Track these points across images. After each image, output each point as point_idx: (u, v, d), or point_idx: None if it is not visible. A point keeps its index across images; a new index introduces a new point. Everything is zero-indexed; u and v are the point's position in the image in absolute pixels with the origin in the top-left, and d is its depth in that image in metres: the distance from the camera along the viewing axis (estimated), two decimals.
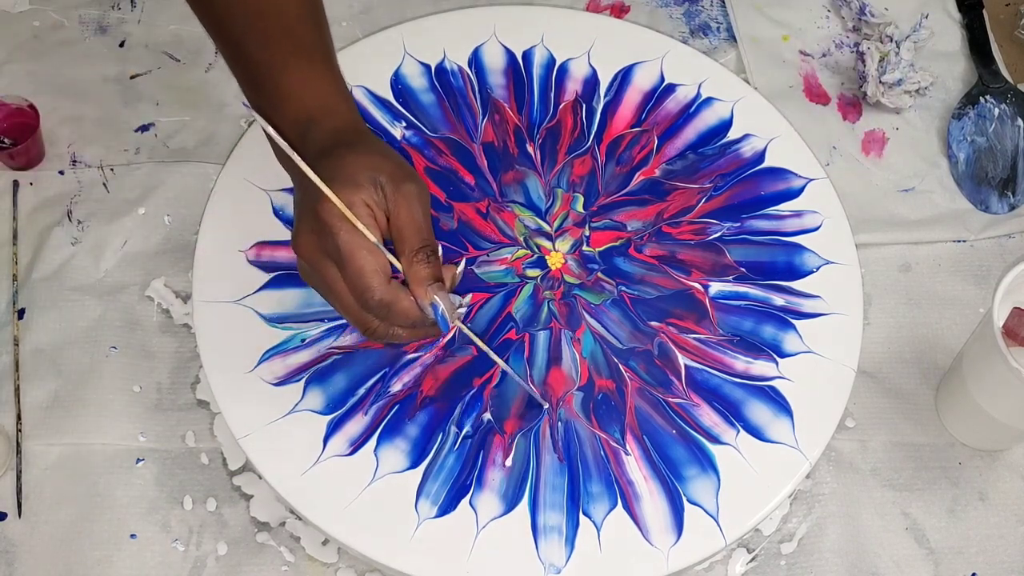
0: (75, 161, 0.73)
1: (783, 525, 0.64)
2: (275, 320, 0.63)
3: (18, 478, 0.63)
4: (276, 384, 0.62)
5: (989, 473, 0.66)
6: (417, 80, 0.72)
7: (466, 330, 0.56)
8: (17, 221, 0.71)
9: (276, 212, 0.67)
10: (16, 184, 0.72)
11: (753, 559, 0.63)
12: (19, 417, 0.64)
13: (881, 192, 0.76)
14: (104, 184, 0.72)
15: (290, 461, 0.60)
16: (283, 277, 0.65)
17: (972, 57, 0.81)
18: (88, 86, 0.76)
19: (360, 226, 0.51)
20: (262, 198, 0.67)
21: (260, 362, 0.62)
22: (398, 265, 0.52)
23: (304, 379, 0.62)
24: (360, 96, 0.71)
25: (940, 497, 0.66)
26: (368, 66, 0.72)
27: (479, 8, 0.75)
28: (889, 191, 0.76)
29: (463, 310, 0.54)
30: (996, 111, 0.78)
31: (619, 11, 0.82)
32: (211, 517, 0.63)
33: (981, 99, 0.78)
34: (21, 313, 0.67)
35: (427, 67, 0.73)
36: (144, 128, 0.75)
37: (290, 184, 0.66)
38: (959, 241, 0.74)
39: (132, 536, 0.62)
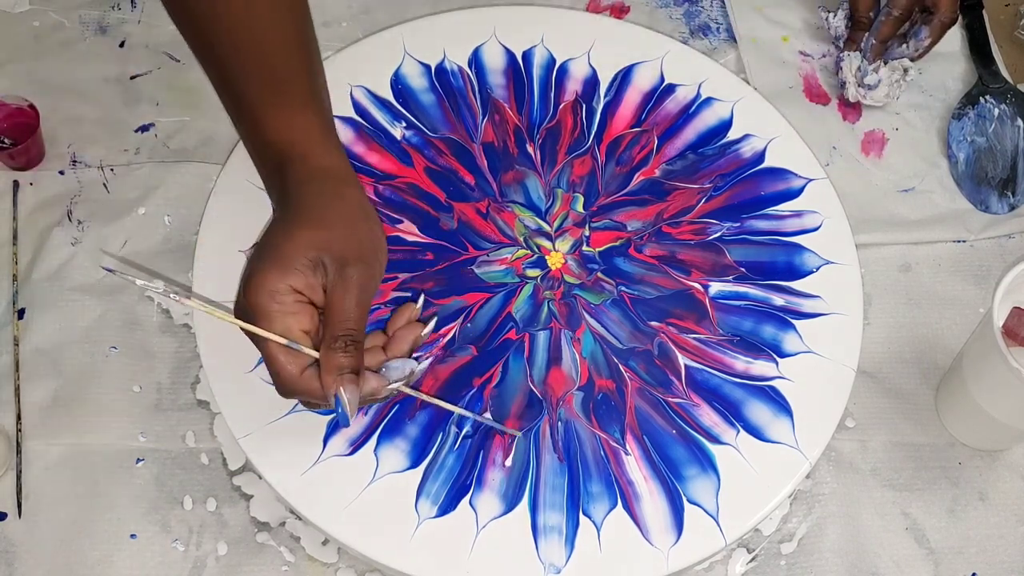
0: (75, 161, 0.73)
1: (783, 525, 0.64)
2: None
3: (18, 478, 0.63)
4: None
5: (989, 473, 0.66)
6: (417, 80, 0.72)
7: (411, 392, 0.57)
8: (17, 221, 0.71)
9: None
10: (16, 184, 0.72)
11: (753, 559, 0.63)
12: (19, 417, 0.64)
13: (881, 192, 0.76)
14: (104, 184, 0.72)
15: (290, 461, 0.59)
16: None
17: (972, 57, 0.81)
18: (88, 86, 0.76)
19: (265, 333, 0.52)
20: (262, 198, 0.67)
21: (260, 362, 0.61)
22: (314, 355, 0.53)
23: None
24: (360, 96, 0.71)
25: (940, 497, 0.66)
26: (368, 66, 0.72)
27: (479, 8, 0.75)
28: (889, 191, 0.76)
29: (419, 370, 0.56)
30: (996, 111, 0.78)
31: (619, 11, 0.82)
32: (211, 517, 0.63)
33: (981, 99, 0.78)
34: (21, 313, 0.67)
35: (427, 67, 0.73)
36: (144, 128, 0.75)
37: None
38: (959, 241, 0.74)
39: (132, 536, 0.62)
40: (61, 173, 0.72)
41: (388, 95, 0.71)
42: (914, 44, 0.77)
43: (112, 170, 0.73)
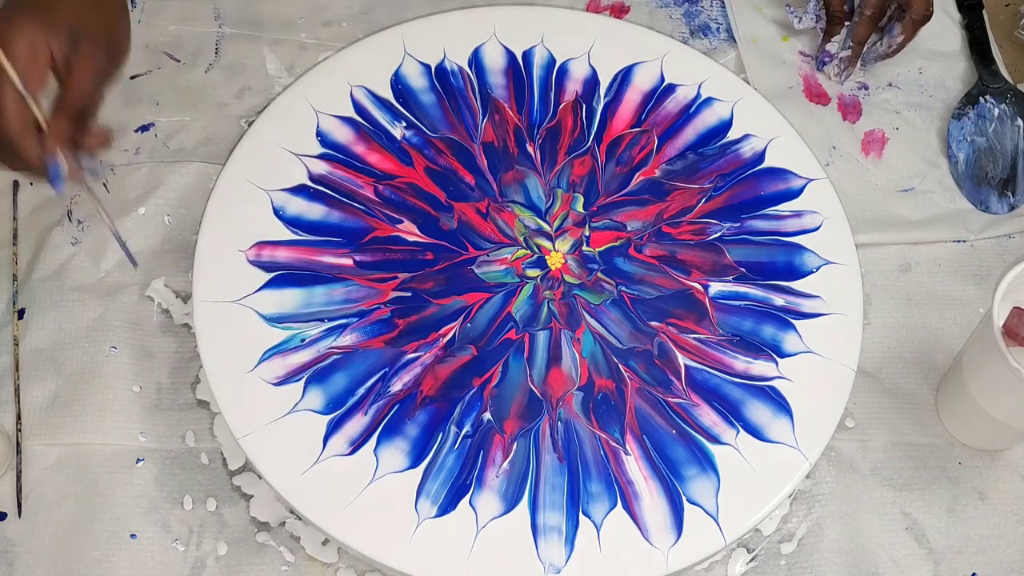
0: None
1: (783, 525, 0.64)
2: (275, 320, 0.63)
3: (18, 478, 0.63)
4: (276, 384, 0.61)
5: (989, 473, 0.66)
6: (417, 80, 0.72)
7: (93, 195, 0.61)
8: (17, 221, 0.71)
9: (276, 212, 0.67)
10: (16, 184, 0.72)
11: (753, 559, 0.63)
12: (19, 417, 0.64)
13: (881, 192, 0.76)
14: (104, 184, 0.72)
15: (290, 461, 0.59)
16: (283, 277, 0.65)
17: (972, 57, 0.81)
18: None
19: (11, 72, 0.54)
20: (262, 198, 0.67)
21: (260, 362, 0.62)
22: (42, 122, 0.56)
23: (304, 379, 0.62)
24: (360, 96, 0.71)
25: (940, 497, 0.66)
26: (368, 66, 0.72)
27: (479, 8, 0.75)
28: (889, 191, 0.76)
29: (99, 173, 0.61)
30: (996, 111, 0.78)
31: (619, 11, 0.82)
32: (211, 517, 0.63)
33: (981, 99, 0.78)
34: (21, 313, 0.67)
35: (427, 67, 0.73)
36: (144, 128, 0.75)
37: (290, 184, 0.66)
38: (959, 241, 0.74)
39: (132, 536, 0.62)
40: None
41: (388, 95, 0.72)
42: (887, 41, 0.78)
43: (112, 170, 0.73)
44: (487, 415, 0.62)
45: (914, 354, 0.70)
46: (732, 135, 0.72)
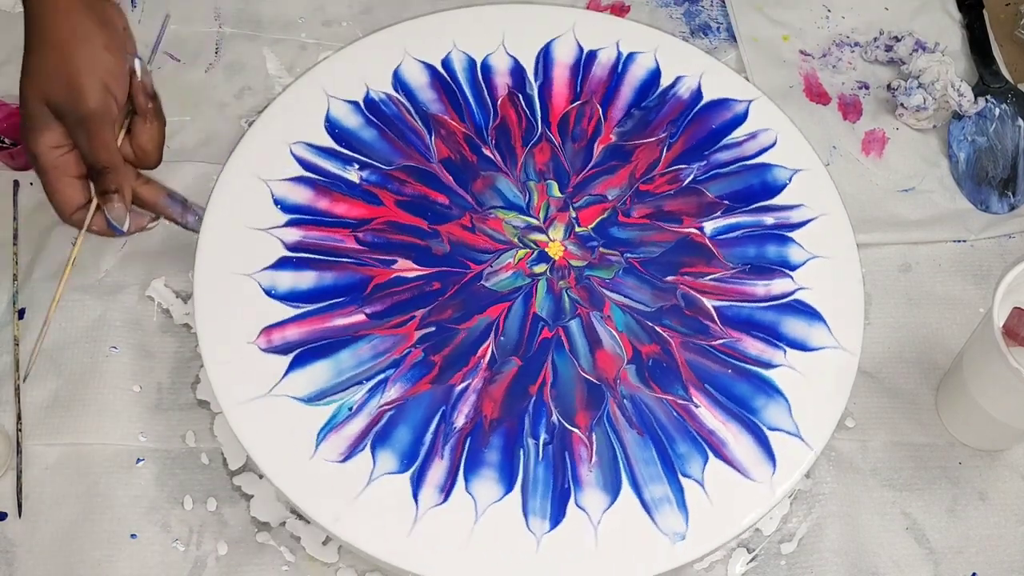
0: None
1: (783, 525, 0.64)
2: (314, 399, 0.60)
3: (18, 478, 0.63)
4: (343, 461, 0.59)
5: (989, 473, 0.66)
6: (350, 119, 0.69)
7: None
8: (17, 221, 0.71)
9: (268, 292, 0.63)
10: (16, 184, 0.72)
11: (753, 559, 0.63)
12: (19, 417, 0.64)
13: (881, 192, 0.76)
14: None
15: (388, 530, 0.58)
16: (304, 355, 0.62)
17: (972, 57, 0.81)
18: None
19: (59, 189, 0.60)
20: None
21: (318, 444, 0.59)
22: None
23: (367, 445, 0.60)
24: (303, 152, 0.68)
25: (940, 497, 0.66)
26: (298, 119, 0.69)
27: (388, 30, 0.73)
28: (889, 191, 0.76)
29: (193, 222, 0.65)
30: (996, 111, 0.78)
31: (619, 10, 0.82)
32: (211, 517, 0.63)
33: (981, 99, 0.78)
34: (21, 313, 0.67)
35: (354, 103, 0.70)
36: None
37: (270, 261, 0.64)
38: (959, 241, 0.74)
39: (132, 536, 0.62)
40: None
41: (329, 142, 0.69)
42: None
43: None
44: (555, 417, 0.61)
45: (914, 354, 0.70)
46: (664, 82, 0.73)
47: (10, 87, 0.75)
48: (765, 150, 0.70)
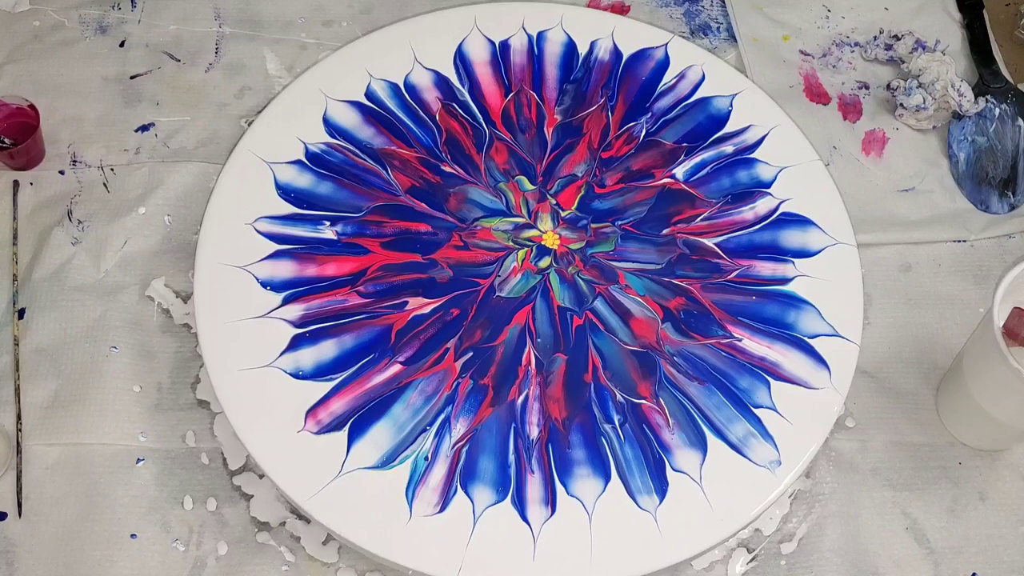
0: (75, 161, 0.73)
1: (783, 525, 0.64)
2: (388, 461, 0.60)
3: (18, 478, 0.63)
4: (439, 512, 0.58)
5: (989, 473, 0.66)
6: (301, 179, 0.68)
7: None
8: (17, 221, 0.71)
9: (296, 375, 0.61)
10: (16, 184, 0.72)
11: (753, 559, 0.63)
12: (19, 417, 0.64)
13: (881, 192, 0.76)
14: (104, 184, 0.72)
15: (511, 554, 0.58)
16: (358, 422, 0.61)
17: (972, 57, 0.81)
18: (88, 86, 0.76)
19: None
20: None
21: (411, 503, 0.58)
22: None
23: (456, 487, 0.59)
24: (267, 226, 0.66)
25: (940, 497, 0.66)
26: (248, 194, 0.67)
27: (297, 80, 0.71)
28: (889, 191, 0.76)
29: None
30: (996, 111, 0.78)
31: (619, 10, 0.82)
32: (211, 517, 0.63)
33: (981, 99, 0.78)
34: (21, 313, 0.67)
35: (299, 162, 0.68)
36: (144, 128, 0.75)
37: (284, 343, 0.62)
38: (959, 241, 0.74)
39: (132, 536, 0.62)
40: (61, 173, 0.72)
41: (288, 208, 0.67)
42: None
43: (112, 170, 0.73)
44: (620, 396, 0.62)
45: (914, 354, 0.70)
46: (581, 51, 0.74)
47: (10, 87, 0.75)
48: (698, 86, 0.73)
